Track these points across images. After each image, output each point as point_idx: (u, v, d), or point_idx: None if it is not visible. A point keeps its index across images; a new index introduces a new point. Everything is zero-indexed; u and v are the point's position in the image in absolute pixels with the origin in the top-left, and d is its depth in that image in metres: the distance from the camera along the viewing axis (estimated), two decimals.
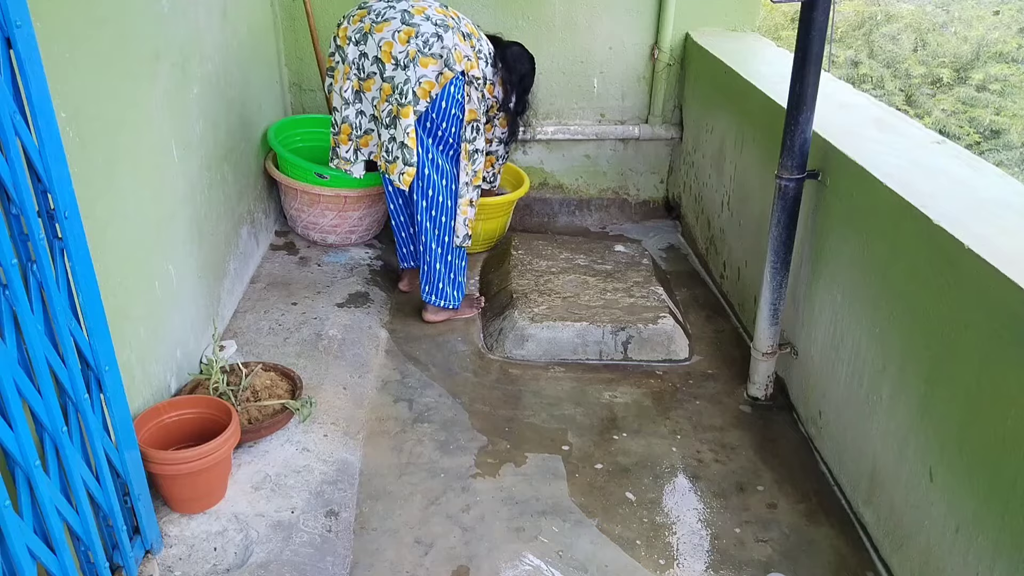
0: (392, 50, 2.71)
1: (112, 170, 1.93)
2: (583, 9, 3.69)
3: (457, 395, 2.69)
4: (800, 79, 2.21)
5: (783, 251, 2.40)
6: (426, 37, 2.70)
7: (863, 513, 2.14)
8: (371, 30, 2.74)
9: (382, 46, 2.72)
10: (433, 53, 2.71)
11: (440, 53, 2.71)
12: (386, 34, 2.72)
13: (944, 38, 7.63)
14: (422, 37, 2.70)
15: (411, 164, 2.78)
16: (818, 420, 2.41)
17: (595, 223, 4.10)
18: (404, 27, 2.71)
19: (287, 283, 3.17)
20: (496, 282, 3.33)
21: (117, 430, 1.73)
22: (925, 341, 1.84)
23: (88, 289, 1.59)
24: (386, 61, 2.72)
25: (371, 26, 2.74)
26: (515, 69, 3.02)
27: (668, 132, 3.89)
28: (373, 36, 2.73)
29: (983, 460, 1.63)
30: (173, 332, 2.30)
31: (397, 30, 2.71)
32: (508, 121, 3.16)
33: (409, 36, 2.70)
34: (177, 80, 2.39)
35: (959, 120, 6.87)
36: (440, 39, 2.71)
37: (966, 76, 7.28)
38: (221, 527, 1.98)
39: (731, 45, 3.48)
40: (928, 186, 1.95)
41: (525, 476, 2.34)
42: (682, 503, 2.25)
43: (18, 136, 1.37)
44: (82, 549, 1.64)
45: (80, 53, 1.77)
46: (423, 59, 2.70)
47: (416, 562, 2.02)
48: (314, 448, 2.30)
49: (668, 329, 2.92)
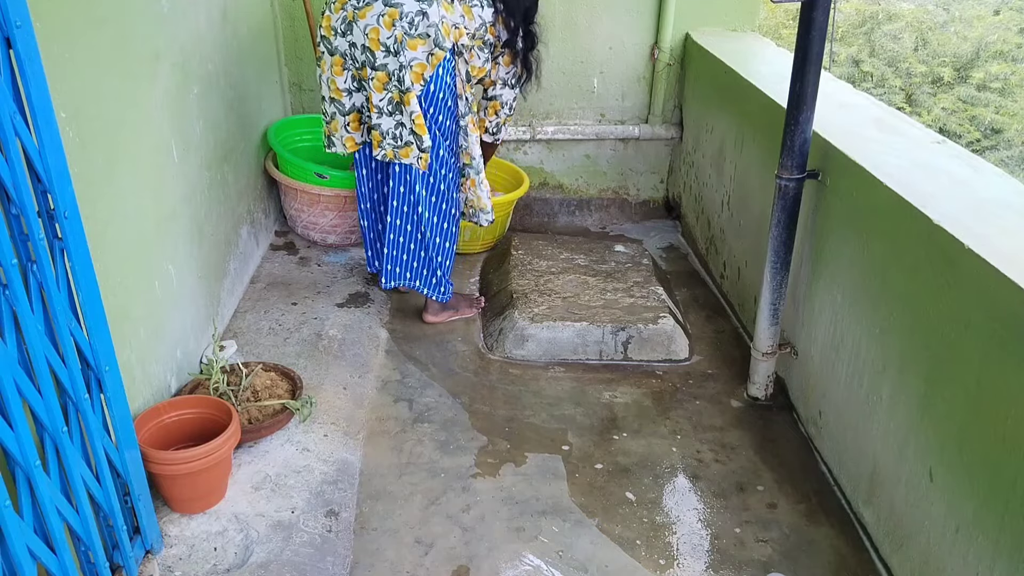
0: (379, 36, 2.59)
1: (112, 170, 1.93)
2: (583, 9, 3.69)
3: (457, 395, 2.69)
4: (800, 79, 2.21)
5: (783, 251, 2.40)
6: (411, 17, 2.57)
7: (863, 513, 2.14)
8: (354, 17, 2.61)
9: (368, 33, 2.60)
10: (420, 33, 2.59)
11: (427, 32, 2.58)
12: (370, 20, 2.59)
13: (945, 37, 7.63)
14: (407, 18, 2.57)
15: (425, 149, 2.71)
16: (818, 420, 2.41)
17: (595, 223, 4.10)
18: (387, 9, 2.58)
19: (287, 283, 3.17)
20: (496, 282, 3.33)
21: (117, 430, 1.73)
22: (925, 341, 1.84)
23: (88, 289, 1.59)
24: (375, 49, 2.61)
25: (353, 13, 2.61)
26: (515, 5, 2.79)
27: (668, 132, 3.89)
28: (358, 23, 2.61)
29: (983, 460, 1.63)
30: (173, 332, 2.30)
31: (380, 13, 2.58)
32: (512, 59, 2.88)
33: (393, 19, 2.57)
34: (177, 80, 2.39)
35: (959, 119, 6.87)
36: (425, 16, 2.57)
37: (967, 75, 7.28)
38: (221, 527, 1.99)
39: (731, 45, 3.48)
40: (928, 186, 1.95)
41: (525, 476, 2.34)
42: (682, 503, 2.25)
43: (18, 136, 1.37)
44: (82, 549, 1.64)
45: (80, 53, 1.77)
46: (411, 41, 2.58)
47: (416, 562, 2.02)
48: (314, 448, 2.30)
49: (668, 329, 2.93)
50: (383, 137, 2.73)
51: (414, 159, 2.74)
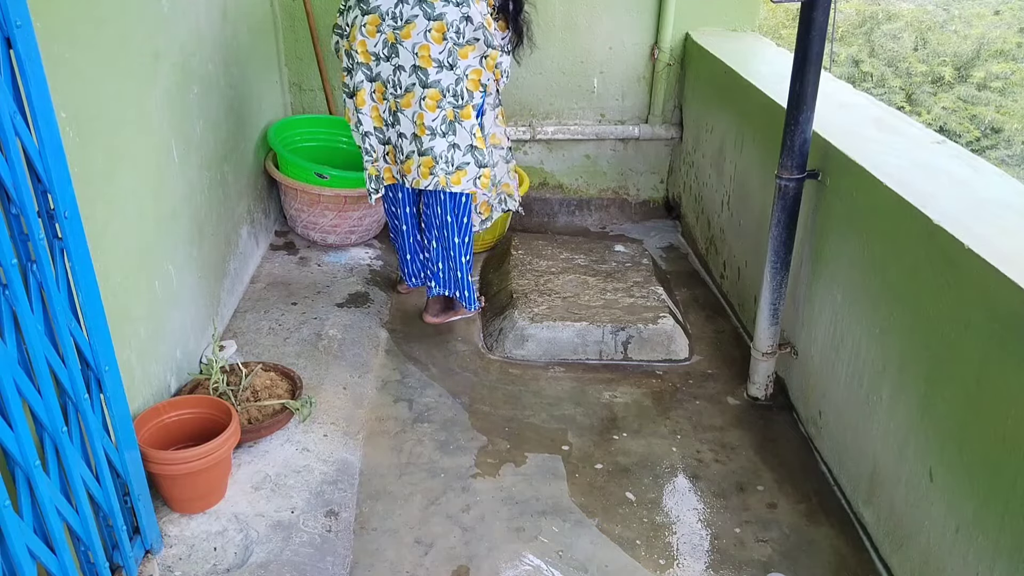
0: (431, 53, 2.50)
1: (112, 170, 1.93)
2: (583, 9, 3.69)
3: (457, 395, 2.69)
4: (800, 79, 2.21)
5: (783, 251, 2.40)
6: (456, 26, 2.48)
7: (863, 513, 2.14)
8: (396, 39, 2.51)
9: (418, 52, 2.50)
10: (469, 40, 2.50)
11: (476, 36, 2.51)
12: (417, 38, 2.49)
13: (945, 36, 7.63)
14: (453, 28, 2.48)
15: (485, 165, 2.63)
16: (818, 420, 2.41)
17: (595, 223, 4.10)
18: (433, 24, 2.47)
19: (287, 283, 3.17)
20: (496, 282, 3.33)
21: (117, 430, 1.73)
22: (925, 341, 1.84)
23: (88, 289, 1.59)
24: (427, 67, 2.51)
25: (395, 34, 2.51)
26: None
27: (668, 132, 3.89)
28: (403, 44, 2.50)
29: (983, 460, 1.63)
30: (173, 332, 2.30)
31: (427, 29, 2.48)
32: (506, 25, 2.71)
33: (443, 32, 2.47)
34: (177, 80, 2.39)
35: (959, 118, 6.87)
36: (469, 21, 2.49)
37: (967, 74, 7.29)
38: (221, 527, 1.99)
39: (731, 45, 3.48)
40: (928, 186, 1.95)
41: (525, 476, 2.34)
42: (682, 503, 2.25)
43: (18, 136, 1.37)
44: (82, 549, 1.64)
45: (80, 53, 1.77)
46: (461, 51, 2.51)
47: (416, 562, 2.02)
48: (314, 448, 2.30)
49: (668, 329, 2.93)
50: (436, 162, 2.62)
51: (469, 183, 2.66)
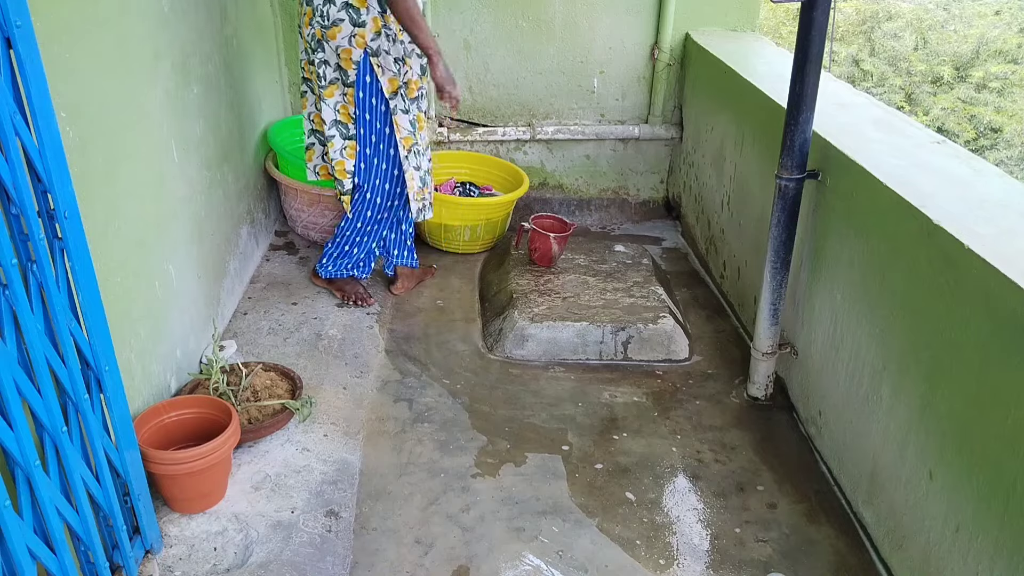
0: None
1: (112, 170, 1.93)
2: (583, 9, 3.69)
3: (457, 395, 2.69)
4: (800, 79, 2.21)
5: (783, 251, 2.40)
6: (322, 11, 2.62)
7: (863, 513, 2.14)
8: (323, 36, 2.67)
9: (340, 53, 2.68)
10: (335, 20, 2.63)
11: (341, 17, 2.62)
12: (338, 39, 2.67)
13: (944, 36, 7.64)
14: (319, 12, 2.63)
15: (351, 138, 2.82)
16: (818, 420, 2.41)
17: (595, 223, 4.10)
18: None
19: (287, 283, 3.17)
20: (496, 282, 3.33)
21: (117, 430, 1.73)
22: (925, 341, 1.84)
23: (88, 289, 1.59)
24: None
25: (322, 32, 2.66)
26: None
27: (668, 132, 3.89)
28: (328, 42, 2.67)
29: (983, 460, 1.63)
30: (173, 332, 2.30)
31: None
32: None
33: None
34: (177, 80, 2.39)
35: (958, 118, 6.88)
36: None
37: (966, 74, 7.29)
38: (221, 527, 1.99)
39: (731, 45, 3.48)
40: (928, 186, 1.95)
41: (525, 476, 2.34)
42: (682, 503, 2.25)
43: (18, 136, 1.37)
44: (82, 549, 1.64)
45: (80, 53, 1.77)
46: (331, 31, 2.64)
47: (416, 562, 2.02)
48: (314, 448, 2.30)
49: (668, 329, 2.92)
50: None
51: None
